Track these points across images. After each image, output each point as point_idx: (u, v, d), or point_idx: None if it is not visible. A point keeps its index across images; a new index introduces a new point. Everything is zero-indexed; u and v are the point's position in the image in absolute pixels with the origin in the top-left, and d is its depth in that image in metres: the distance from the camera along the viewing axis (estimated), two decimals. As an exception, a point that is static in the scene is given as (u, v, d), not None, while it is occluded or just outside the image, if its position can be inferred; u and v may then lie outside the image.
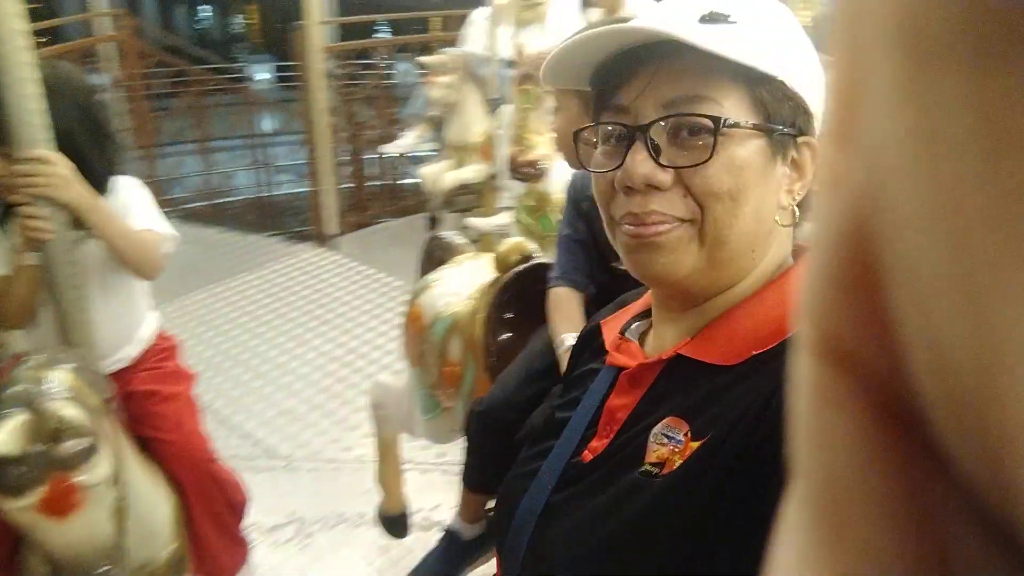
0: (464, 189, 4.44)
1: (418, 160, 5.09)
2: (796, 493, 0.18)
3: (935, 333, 0.13)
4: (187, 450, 1.79)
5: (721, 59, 0.66)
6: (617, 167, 0.73)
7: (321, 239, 4.78)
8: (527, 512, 0.84)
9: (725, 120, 0.67)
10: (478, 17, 3.99)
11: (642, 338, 0.86)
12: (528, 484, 0.86)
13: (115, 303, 1.72)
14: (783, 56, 0.69)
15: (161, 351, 1.87)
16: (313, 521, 2.68)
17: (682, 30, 0.66)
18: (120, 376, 1.76)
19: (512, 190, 2.99)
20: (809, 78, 0.71)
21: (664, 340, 0.80)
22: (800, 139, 0.71)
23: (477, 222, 3.23)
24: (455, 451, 2.61)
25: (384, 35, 8.39)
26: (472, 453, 1.73)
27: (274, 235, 5.11)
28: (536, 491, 0.84)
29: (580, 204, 1.53)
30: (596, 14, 3.39)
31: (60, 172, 1.48)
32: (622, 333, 0.87)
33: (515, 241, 1.83)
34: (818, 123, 0.73)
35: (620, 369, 0.82)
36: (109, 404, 1.48)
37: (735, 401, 0.67)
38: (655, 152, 0.70)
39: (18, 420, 1.17)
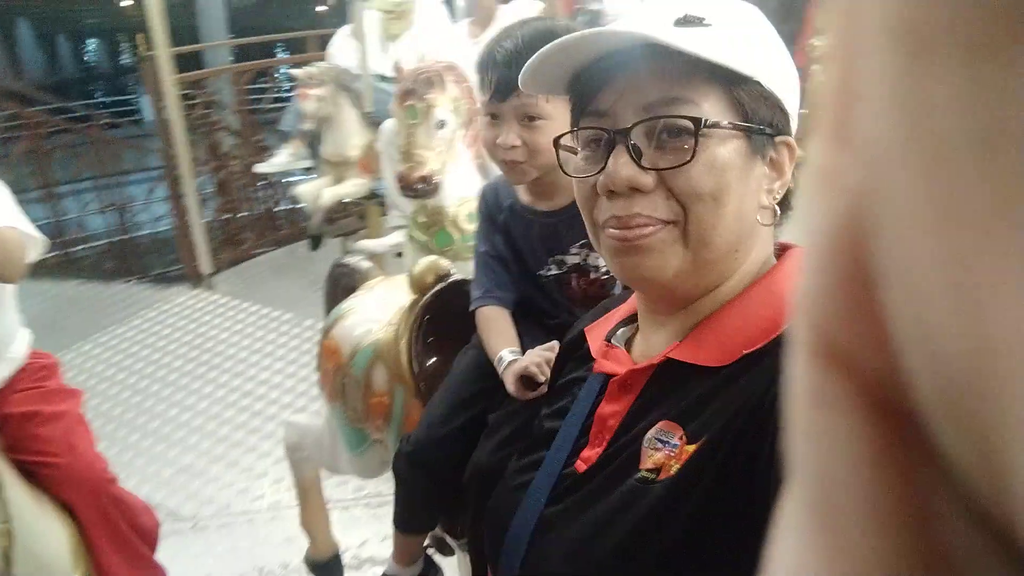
0: (345, 212, 4.31)
1: (291, 184, 4.92)
2: (792, 494, 0.18)
3: (929, 330, 0.13)
4: (80, 473, 1.63)
5: (698, 61, 0.66)
6: (599, 171, 0.73)
7: (196, 279, 4.50)
8: (521, 527, 0.83)
9: (705, 120, 0.68)
10: (344, 32, 3.91)
11: (628, 343, 0.85)
12: (520, 498, 0.84)
13: None
14: (758, 57, 0.70)
15: (39, 370, 1.70)
16: (232, 581, 2.50)
17: (659, 33, 0.66)
18: None
19: (401, 208, 2.92)
20: (784, 78, 0.72)
21: (652, 344, 0.80)
22: (778, 139, 0.72)
23: (368, 244, 3.12)
24: (375, 483, 2.51)
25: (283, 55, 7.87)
26: (403, 495, 1.64)
27: (142, 280, 4.76)
28: (530, 504, 0.82)
29: (495, 217, 1.49)
30: (465, 27, 3.38)
31: None
32: (608, 339, 0.86)
33: (429, 260, 1.77)
34: (794, 122, 0.74)
35: (608, 376, 0.81)
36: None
37: (728, 402, 0.67)
38: (636, 155, 0.70)
39: None
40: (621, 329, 0.87)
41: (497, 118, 1.33)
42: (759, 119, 0.70)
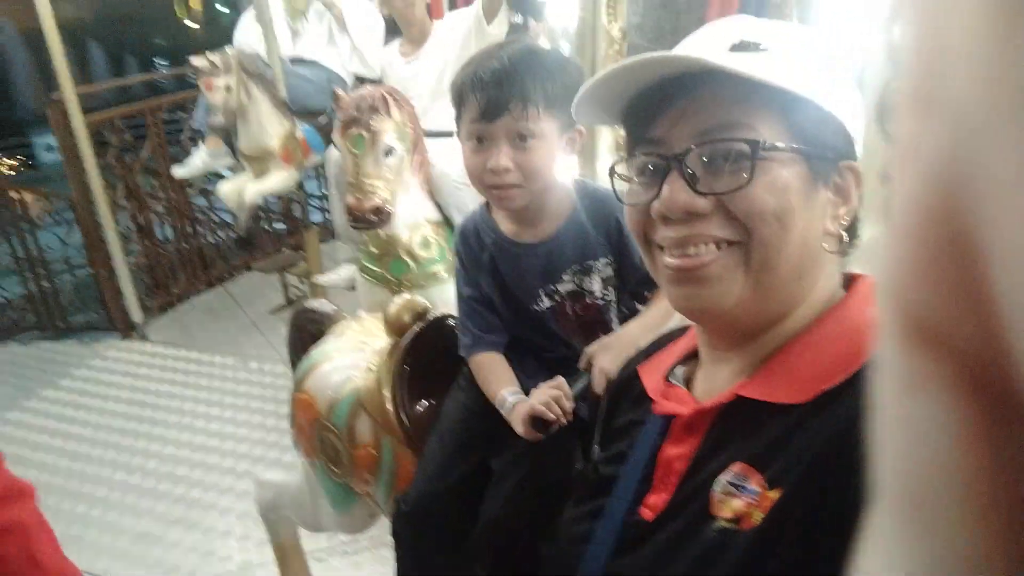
0: (280, 246, 4.15)
1: (220, 222, 4.71)
2: (880, 495, 0.17)
3: None
4: None
5: (755, 85, 0.65)
6: (654, 197, 0.71)
7: (125, 330, 4.25)
8: None
9: (763, 143, 0.66)
10: (247, 17, 3.73)
11: (688, 382, 0.82)
12: (582, 549, 0.80)
13: None
14: (817, 80, 0.68)
15: None
16: (207, 652, 2.36)
17: (715, 58, 0.65)
18: None
19: (352, 239, 2.81)
20: (846, 101, 0.70)
21: (716, 382, 0.77)
22: (841, 163, 0.71)
23: (324, 279, 3.01)
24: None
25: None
26: (407, 558, 1.54)
27: (66, 337, 4.47)
28: (594, 556, 0.79)
29: (479, 258, 1.42)
30: (396, 46, 3.29)
31: None
32: (666, 378, 0.83)
33: (404, 300, 1.69)
34: (859, 146, 0.71)
35: (670, 417, 0.78)
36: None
37: (809, 442, 0.64)
38: (692, 180, 0.69)
39: None
40: (680, 367, 0.84)
41: (484, 141, 1.27)
42: (819, 143, 0.69)
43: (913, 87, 0.15)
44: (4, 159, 4.20)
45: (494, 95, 1.22)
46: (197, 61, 3.36)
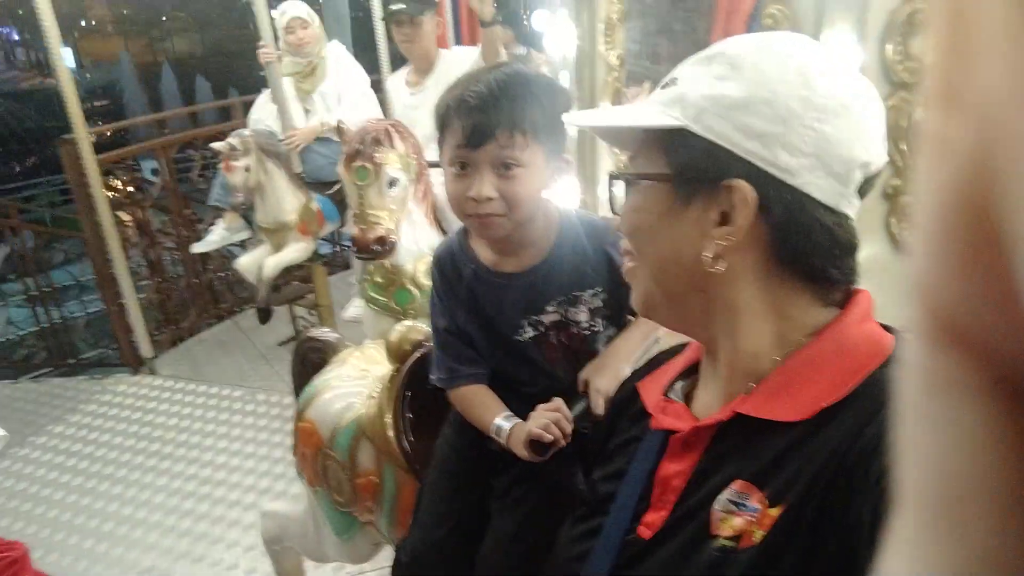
0: (287, 277, 4.18)
1: (229, 255, 4.76)
2: (905, 498, 0.17)
3: None
4: None
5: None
6: None
7: (135, 365, 4.28)
8: None
9: (636, 172, 0.75)
10: (263, 97, 3.86)
11: (688, 397, 0.82)
12: (579, 569, 0.79)
13: None
14: (704, 104, 0.69)
15: (6, 568, 1.48)
16: None
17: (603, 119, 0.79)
18: None
19: (356, 272, 2.85)
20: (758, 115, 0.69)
21: (715, 398, 0.77)
22: (723, 182, 0.69)
23: (348, 315, 3.03)
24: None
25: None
26: None
27: (77, 373, 4.50)
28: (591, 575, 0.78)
29: (455, 289, 1.36)
30: (402, 75, 3.35)
31: None
32: (665, 394, 0.82)
33: (405, 327, 1.70)
34: (789, 158, 0.71)
35: (669, 433, 0.78)
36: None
37: (810, 459, 0.63)
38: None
39: None
40: (680, 383, 0.83)
41: (467, 168, 1.21)
42: (689, 166, 0.71)
43: (940, 83, 0.15)
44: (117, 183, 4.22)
45: (479, 121, 1.18)
46: (218, 145, 3.46)
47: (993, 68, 0.13)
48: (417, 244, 2.36)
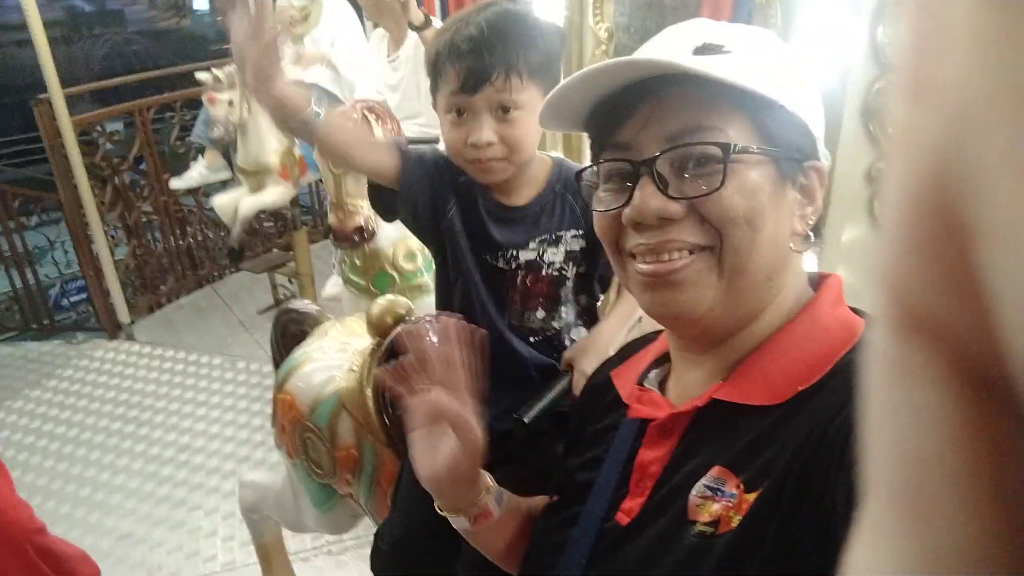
0: (269, 245, 4.15)
1: (209, 219, 4.69)
2: (871, 487, 0.17)
3: None
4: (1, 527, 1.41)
5: (722, 88, 0.64)
6: (624, 204, 0.71)
7: (113, 330, 4.23)
8: None
9: (735, 146, 0.66)
10: None
11: (662, 385, 0.82)
12: (557, 558, 0.79)
13: None
14: (781, 81, 0.68)
15: None
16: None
17: (683, 61, 0.65)
18: None
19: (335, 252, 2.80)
20: (808, 102, 0.71)
21: (689, 385, 0.77)
22: (807, 163, 0.71)
23: (327, 293, 3.01)
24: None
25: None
26: None
27: (53, 336, 4.45)
28: (569, 563, 0.77)
29: (447, 177, 1.32)
30: (380, 44, 3.27)
31: None
32: (640, 383, 0.82)
33: (387, 300, 1.68)
34: (821, 146, 0.71)
35: (645, 421, 0.78)
36: None
37: (785, 443, 0.64)
38: (663, 185, 0.69)
39: None
40: (654, 370, 0.83)
41: (464, 114, 1.19)
42: (786, 144, 0.69)
43: (908, 74, 0.15)
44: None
45: (474, 65, 1.15)
46: (202, 75, 3.37)
47: (960, 60, 0.13)
48: (397, 228, 2.34)
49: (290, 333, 1.94)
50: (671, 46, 0.71)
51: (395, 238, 2.43)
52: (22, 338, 4.49)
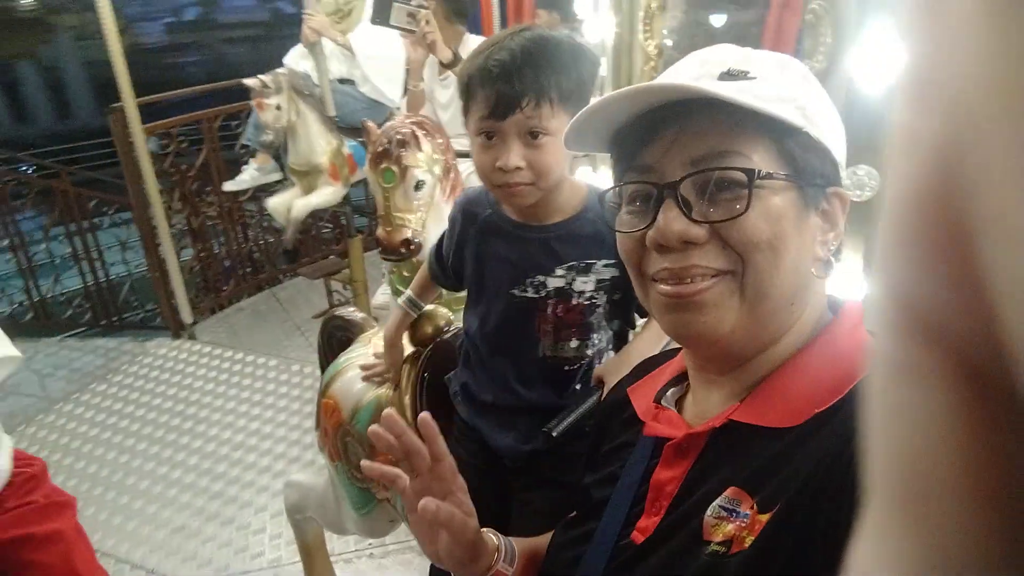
0: (326, 251, 4.26)
1: (270, 227, 4.83)
2: (872, 488, 0.17)
3: None
4: None
5: (747, 114, 0.65)
6: (647, 226, 0.72)
7: (176, 330, 4.40)
8: None
9: (759, 172, 0.67)
10: (295, 50, 3.82)
11: (679, 403, 0.82)
12: (571, 574, 0.80)
13: None
14: (805, 108, 0.69)
15: (25, 482, 1.55)
16: (236, 645, 2.42)
17: (709, 86, 0.66)
18: None
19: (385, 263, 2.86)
20: (831, 128, 0.71)
21: (706, 406, 0.77)
22: (829, 189, 0.72)
23: (376, 302, 3.07)
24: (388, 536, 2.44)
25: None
26: None
27: (120, 334, 4.65)
28: None
29: (465, 226, 1.42)
30: (432, 65, 3.31)
31: None
32: (657, 400, 0.83)
33: (427, 311, 1.73)
34: (843, 172, 0.73)
35: (661, 440, 0.78)
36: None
37: (801, 465, 0.64)
38: (687, 208, 0.69)
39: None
40: (671, 389, 0.84)
41: (493, 137, 1.21)
42: (810, 170, 0.69)
43: (911, 77, 0.15)
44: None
45: (504, 91, 1.16)
46: (250, 81, 3.48)
47: (962, 61, 0.13)
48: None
49: (336, 339, 2.00)
50: (696, 71, 0.72)
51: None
52: (92, 334, 4.71)
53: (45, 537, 1.51)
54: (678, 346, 0.85)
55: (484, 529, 0.91)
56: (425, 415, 0.87)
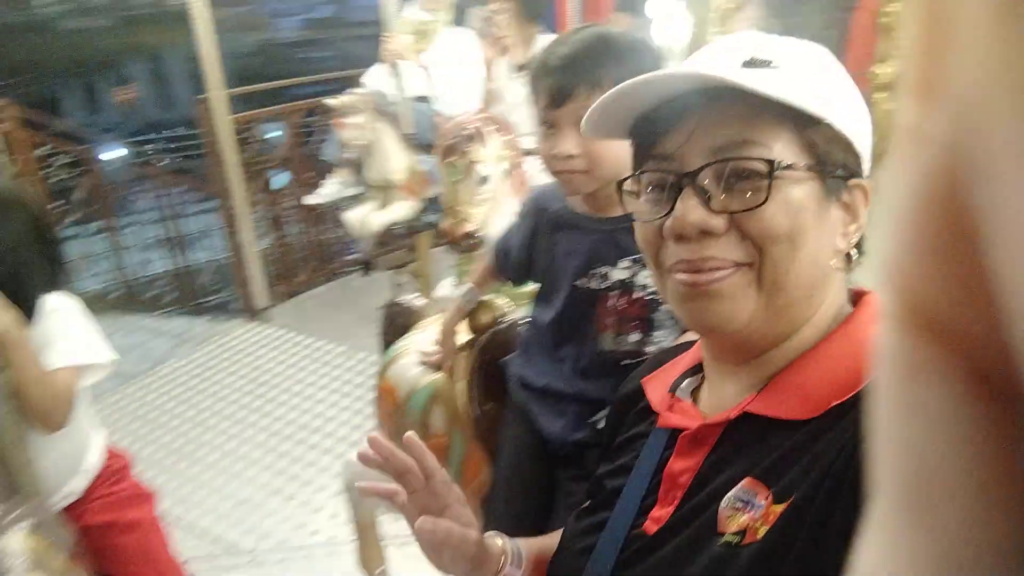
0: (393, 240, 4.35)
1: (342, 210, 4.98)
2: (879, 486, 0.17)
3: None
4: None
5: (769, 103, 0.65)
6: (665, 215, 0.71)
7: (252, 313, 4.59)
8: None
9: (779, 163, 0.66)
10: (376, 69, 3.95)
11: (694, 395, 0.82)
12: (583, 563, 0.80)
13: (57, 435, 1.55)
14: (828, 98, 0.68)
15: (113, 473, 1.70)
16: (291, 617, 2.52)
17: (730, 75, 0.65)
18: (70, 511, 1.59)
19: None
20: (855, 119, 0.70)
21: (722, 397, 0.77)
22: (851, 181, 0.71)
23: (439, 294, 3.15)
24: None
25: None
26: None
27: (200, 314, 4.87)
28: (595, 571, 0.78)
29: (537, 219, 1.47)
30: (505, 64, 3.36)
31: None
32: (672, 391, 0.82)
33: (485, 299, 1.77)
34: (866, 164, 0.72)
35: (675, 431, 0.78)
36: (73, 555, 1.33)
37: (817, 456, 0.64)
38: (706, 198, 0.69)
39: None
40: (686, 380, 0.83)
41: (553, 127, 1.27)
42: (832, 161, 0.69)
43: (916, 73, 0.15)
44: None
45: (560, 81, 1.22)
46: (332, 102, 3.63)
47: (969, 59, 0.13)
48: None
49: (396, 325, 2.06)
50: (720, 59, 0.71)
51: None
52: (174, 313, 4.95)
53: (127, 525, 1.66)
54: (695, 339, 0.85)
55: (488, 533, 0.91)
56: (410, 435, 0.88)
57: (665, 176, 0.71)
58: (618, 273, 1.33)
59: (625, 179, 0.77)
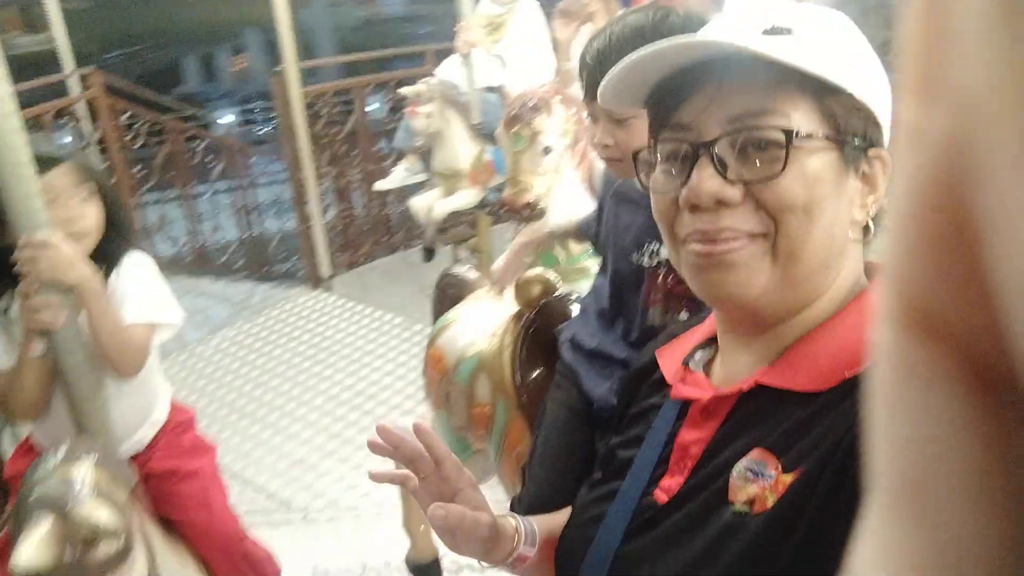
0: (456, 221, 4.43)
1: (406, 193, 5.07)
2: (876, 485, 0.17)
3: None
4: (215, 530, 1.73)
5: (788, 72, 0.64)
6: (681, 185, 0.70)
7: (315, 282, 4.72)
8: (597, 564, 0.79)
9: (797, 132, 0.65)
10: (452, 60, 4.00)
11: (707, 367, 0.81)
12: (593, 532, 0.81)
13: (128, 385, 1.65)
14: (849, 67, 0.67)
15: (177, 425, 1.80)
16: (338, 574, 2.61)
17: (748, 42, 0.64)
18: (136, 459, 1.70)
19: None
20: (876, 89, 0.69)
21: (735, 368, 0.76)
22: (871, 151, 0.69)
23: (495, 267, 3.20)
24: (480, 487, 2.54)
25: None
26: None
27: (266, 280, 5.04)
28: (605, 540, 0.79)
29: (604, 196, 1.55)
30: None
31: (63, 255, 1.41)
32: (685, 363, 0.82)
33: (536, 272, 1.80)
34: (887, 134, 0.71)
35: (687, 402, 0.78)
36: (135, 494, 1.42)
37: (828, 429, 0.63)
38: (722, 168, 0.68)
39: (48, 528, 1.08)
40: (699, 352, 0.83)
41: (592, 117, 1.36)
42: (851, 131, 0.67)
43: (916, 72, 0.15)
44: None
45: (594, 75, 1.25)
46: (405, 91, 3.71)
47: (970, 58, 0.13)
48: (568, 210, 2.42)
49: (448, 296, 2.11)
50: (739, 25, 0.69)
51: (565, 219, 2.51)
52: (241, 278, 5.13)
53: (187, 474, 1.76)
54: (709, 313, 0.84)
55: (502, 514, 0.91)
56: (419, 422, 0.89)
57: (681, 146, 0.70)
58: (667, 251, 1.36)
59: (640, 149, 0.77)
